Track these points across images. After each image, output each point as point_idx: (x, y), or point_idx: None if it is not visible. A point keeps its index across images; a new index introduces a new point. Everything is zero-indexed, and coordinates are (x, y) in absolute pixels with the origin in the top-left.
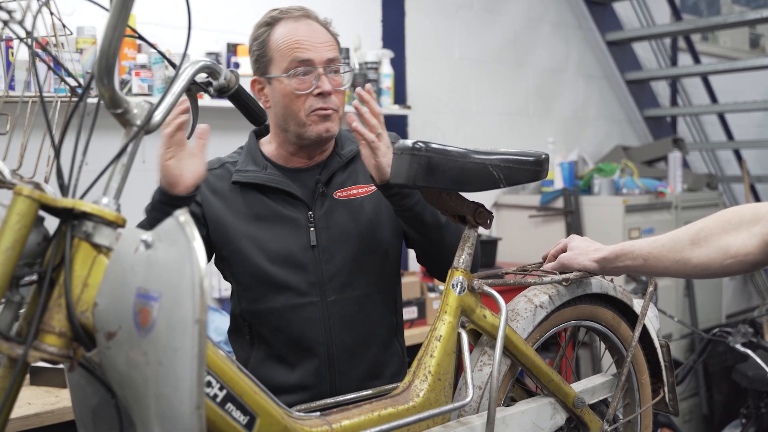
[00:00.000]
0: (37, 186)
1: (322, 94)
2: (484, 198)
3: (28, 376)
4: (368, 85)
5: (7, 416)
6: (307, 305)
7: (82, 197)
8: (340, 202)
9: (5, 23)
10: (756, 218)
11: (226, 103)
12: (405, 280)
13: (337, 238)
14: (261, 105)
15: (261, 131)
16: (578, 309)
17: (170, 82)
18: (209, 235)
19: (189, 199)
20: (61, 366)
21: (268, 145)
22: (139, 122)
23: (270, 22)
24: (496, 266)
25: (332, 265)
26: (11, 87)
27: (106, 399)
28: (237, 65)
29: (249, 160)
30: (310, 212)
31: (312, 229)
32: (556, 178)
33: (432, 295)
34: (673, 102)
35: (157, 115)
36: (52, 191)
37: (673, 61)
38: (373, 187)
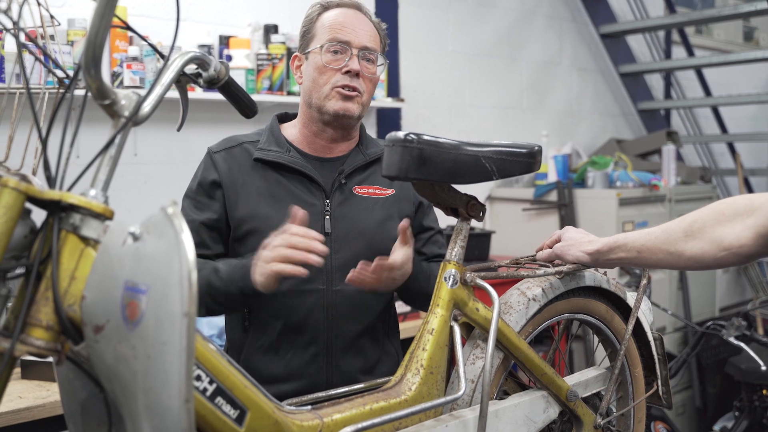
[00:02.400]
0: (24, 178)
1: (350, 73)
2: (478, 191)
3: (19, 370)
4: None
5: None
6: (313, 292)
7: (69, 189)
8: (357, 197)
9: None
10: (750, 210)
11: (217, 96)
12: None
13: (350, 230)
14: (296, 80)
15: (284, 117)
16: (571, 302)
17: (159, 73)
18: (228, 213)
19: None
20: (50, 359)
21: (292, 129)
22: (127, 113)
23: (325, 5)
24: (490, 260)
25: (342, 255)
26: (1, 80)
27: (94, 393)
28: (229, 58)
29: (272, 141)
30: (328, 200)
31: (328, 217)
32: (550, 171)
33: None
34: (667, 95)
35: (146, 107)
36: (39, 183)
37: (667, 54)
38: (389, 191)
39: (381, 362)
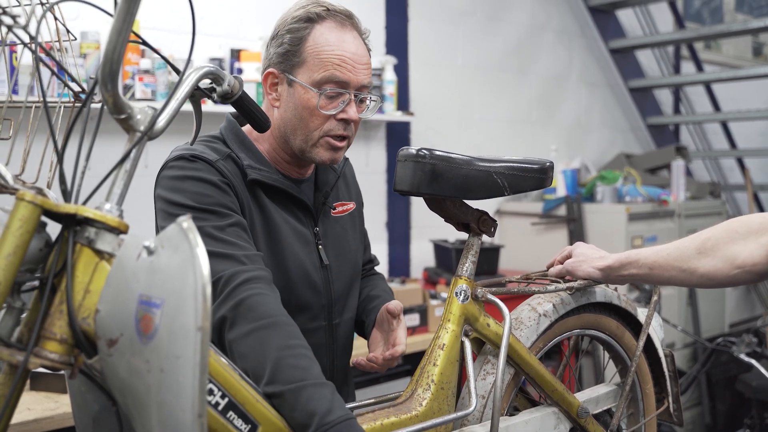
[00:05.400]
0: (40, 191)
1: (345, 120)
2: (486, 204)
3: (27, 382)
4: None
5: (8, 423)
6: (317, 330)
7: (84, 203)
8: (335, 219)
9: (9, 28)
10: (764, 228)
11: (228, 110)
12: (407, 287)
13: (339, 257)
14: (267, 101)
15: (241, 120)
16: (582, 318)
17: (174, 87)
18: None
19: None
20: (61, 372)
21: (263, 145)
22: (142, 128)
23: (312, 18)
24: (499, 274)
25: (338, 285)
26: (14, 92)
27: (106, 406)
28: (240, 71)
29: (252, 157)
30: (317, 228)
31: (320, 246)
32: (559, 185)
33: (434, 302)
34: (676, 110)
35: (161, 121)
36: (54, 197)
37: (676, 69)
38: (351, 204)
39: (352, 385)
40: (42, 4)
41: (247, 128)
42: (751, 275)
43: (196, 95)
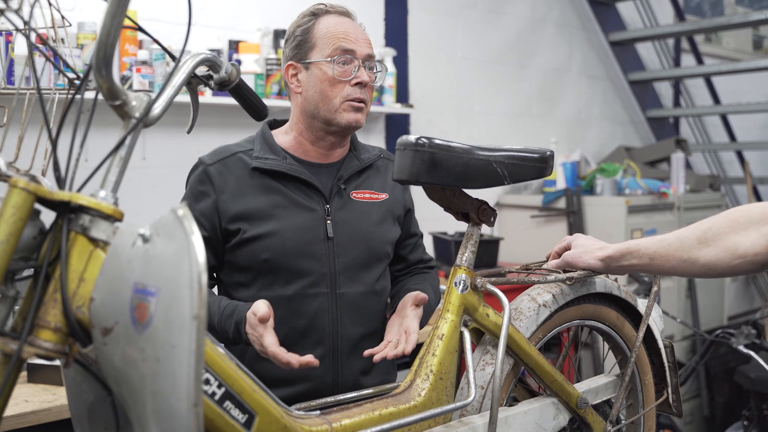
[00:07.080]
0: (33, 178)
1: (360, 84)
2: (486, 197)
3: (25, 374)
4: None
5: (2, 412)
6: (318, 295)
7: (79, 190)
8: (355, 202)
9: (1, 12)
10: (765, 218)
11: (226, 100)
12: None
13: (351, 234)
14: (291, 92)
15: (273, 123)
16: (582, 308)
17: (170, 74)
18: (223, 226)
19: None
20: (58, 363)
21: (284, 136)
22: (137, 114)
23: (316, 13)
24: (498, 266)
25: (345, 258)
26: (10, 83)
27: (102, 396)
28: (239, 62)
29: (266, 149)
30: (328, 205)
31: (329, 221)
32: (559, 178)
33: None
34: (676, 103)
35: (156, 108)
36: (48, 184)
37: (676, 62)
38: (384, 195)
39: (380, 362)
40: None
41: (278, 131)
42: (753, 265)
43: (193, 83)
